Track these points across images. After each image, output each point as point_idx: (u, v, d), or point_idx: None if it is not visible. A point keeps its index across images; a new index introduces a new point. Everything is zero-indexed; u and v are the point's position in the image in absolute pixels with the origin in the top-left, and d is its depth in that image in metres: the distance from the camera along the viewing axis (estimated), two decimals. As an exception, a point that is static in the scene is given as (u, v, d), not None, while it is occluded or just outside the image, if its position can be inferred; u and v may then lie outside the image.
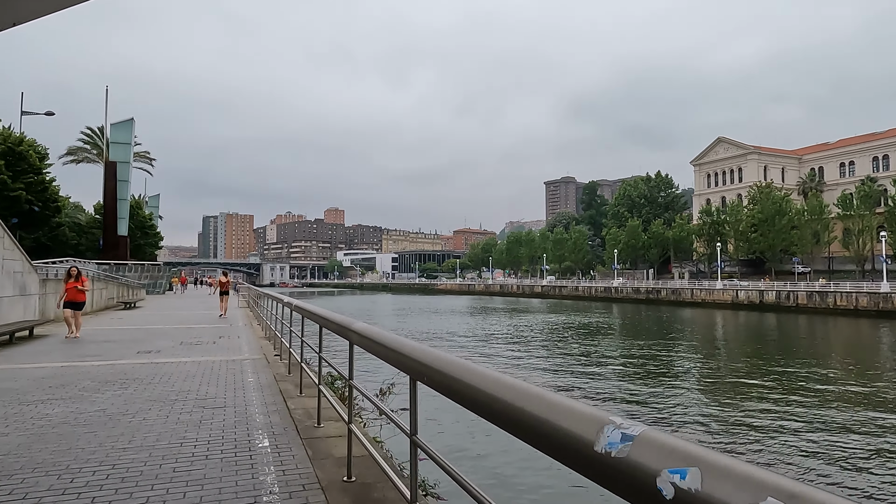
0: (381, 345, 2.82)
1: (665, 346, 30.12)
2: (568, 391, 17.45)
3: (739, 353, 27.78)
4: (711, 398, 16.92)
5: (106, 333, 14.85)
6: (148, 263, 51.89)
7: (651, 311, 62.72)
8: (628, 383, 19.10)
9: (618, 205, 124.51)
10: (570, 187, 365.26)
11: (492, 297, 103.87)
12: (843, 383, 18.99)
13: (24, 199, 29.70)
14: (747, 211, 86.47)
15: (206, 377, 8.35)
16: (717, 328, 44.89)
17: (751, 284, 71.73)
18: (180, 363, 9.68)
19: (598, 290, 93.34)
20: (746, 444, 11.98)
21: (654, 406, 15.60)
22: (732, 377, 20.72)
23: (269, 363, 9.87)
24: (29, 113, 32.55)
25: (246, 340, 13.57)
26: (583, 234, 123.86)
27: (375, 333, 3.11)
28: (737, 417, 14.40)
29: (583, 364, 23.38)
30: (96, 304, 24.63)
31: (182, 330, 16.14)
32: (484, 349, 27.72)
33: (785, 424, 13.49)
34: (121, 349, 11.57)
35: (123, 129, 49.68)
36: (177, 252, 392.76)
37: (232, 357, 10.56)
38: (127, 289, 31.52)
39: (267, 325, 14.80)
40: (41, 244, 52.78)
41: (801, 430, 13.09)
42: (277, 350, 11.31)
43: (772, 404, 15.82)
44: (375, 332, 3.14)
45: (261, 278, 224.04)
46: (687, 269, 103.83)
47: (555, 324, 44.40)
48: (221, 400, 6.83)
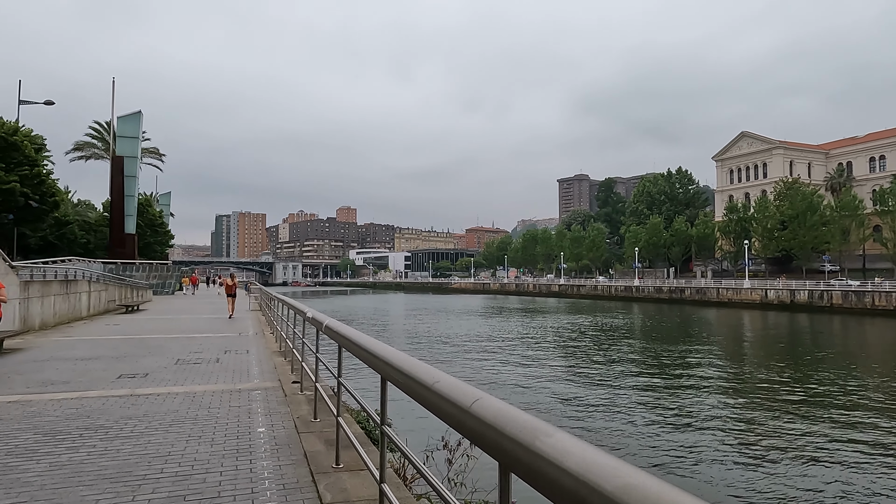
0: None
1: (696, 350, 27.64)
2: (595, 404, 14.98)
3: (778, 359, 25.32)
4: (747, 413, 14.58)
5: (90, 346, 12.52)
6: (156, 262, 49.87)
7: (675, 311, 60.19)
8: (663, 396, 16.64)
9: (636, 202, 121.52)
10: (584, 185, 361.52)
11: (507, 297, 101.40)
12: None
13: (18, 192, 27.56)
14: (775, 207, 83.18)
15: (200, 424, 5.94)
16: (749, 330, 42.42)
17: (781, 283, 68.69)
18: (168, 396, 7.28)
19: (618, 289, 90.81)
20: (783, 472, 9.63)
21: (689, 421, 13.09)
22: (771, 386, 18.68)
23: (286, 395, 7.45)
24: (27, 102, 30.44)
25: (256, 356, 11.18)
26: (601, 232, 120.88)
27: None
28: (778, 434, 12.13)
29: (613, 372, 20.94)
30: (94, 307, 22.42)
31: (182, 341, 13.80)
32: (504, 355, 25.26)
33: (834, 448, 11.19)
34: (98, 371, 9.21)
35: (131, 122, 47.62)
36: (190, 251, 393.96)
37: (238, 385, 8.16)
38: (130, 290, 29.35)
39: (281, 334, 12.44)
40: (48, 242, 51.05)
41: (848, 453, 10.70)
42: (295, 373, 8.91)
43: (816, 423, 13.56)
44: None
45: (273, 277, 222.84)
46: (710, 268, 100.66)
47: (577, 325, 41.95)
48: (214, 477, 4.39)
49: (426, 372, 2.08)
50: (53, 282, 17.55)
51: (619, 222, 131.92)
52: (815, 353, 27.06)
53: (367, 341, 3.47)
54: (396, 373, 2.37)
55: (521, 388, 18.17)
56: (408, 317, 54.14)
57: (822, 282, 66.43)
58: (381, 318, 53.02)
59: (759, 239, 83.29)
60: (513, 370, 21.56)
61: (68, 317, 18.87)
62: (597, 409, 15.22)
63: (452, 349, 27.71)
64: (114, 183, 46.02)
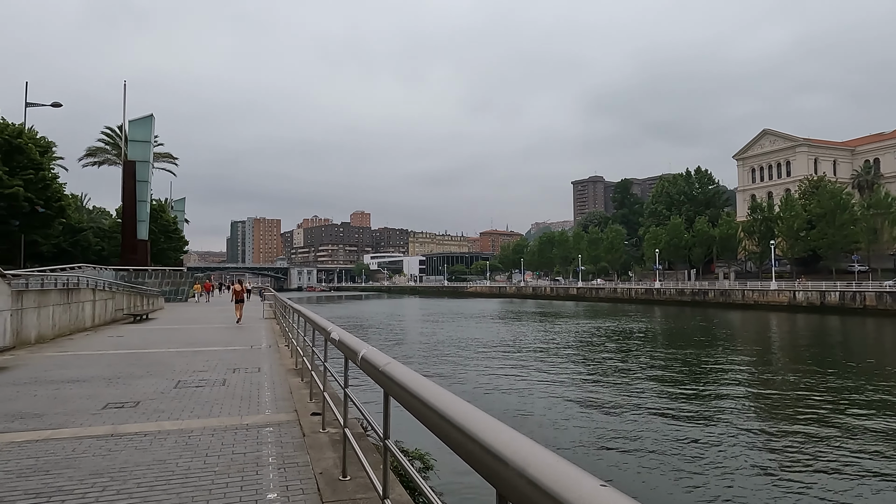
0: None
1: (726, 357, 25.90)
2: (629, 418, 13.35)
3: (814, 365, 23.47)
4: (784, 429, 12.84)
5: (83, 364, 11.12)
6: (169, 269, 48.79)
7: (698, 314, 58.18)
8: (694, 407, 14.93)
9: (655, 202, 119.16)
10: (599, 187, 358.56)
11: (524, 301, 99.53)
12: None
13: (22, 196, 26.43)
14: (801, 206, 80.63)
15: (190, 486, 4.43)
16: (780, 333, 40.55)
17: (810, 284, 66.29)
18: (157, 437, 5.81)
19: (639, 291, 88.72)
20: None
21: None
22: (811, 396, 16.97)
23: (304, 435, 5.94)
24: (34, 105, 29.44)
25: (269, 376, 9.71)
26: (619, 234, 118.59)
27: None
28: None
29: (637, 382, 19.28)
30: (99, 317, 21.15)
31: (188, 356, 12.37)
32: (525, 363, 23.62)
33: None
34: (82, 399, 7.77)
35: (142, 125, 46.68)
36: (206, 257, 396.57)
37: (245, 418, 6.66)
38: (140, 298, 28.11)
39: (297, 349, 11.00)
40: (62, 249, 50.30)
41: None
42: (315, 400, 7.42)
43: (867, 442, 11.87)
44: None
45: (288, 282, 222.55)
46: (733, 269, 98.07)
47: (599, 330, 40.24)
48: None
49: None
50: (52, 290, 16.26)
51: (636, 224, 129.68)
52: (854, 359, 25.16)
53: (435, 395, 2.02)
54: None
55: (539, 400, 16.64)
56: (425, 322, 52.63)
57: (853, 282, 64.04)
58: (398, 325, 51.60)
59: (786, 239, 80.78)
60: (533, 380, 19.96)
61: (70, 328, 17.59)
62: (622, 425, 13.68)
63: (471, 357, 26.16)
64: (125, 188, 45.07)
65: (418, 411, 2.11)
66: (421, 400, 2.08)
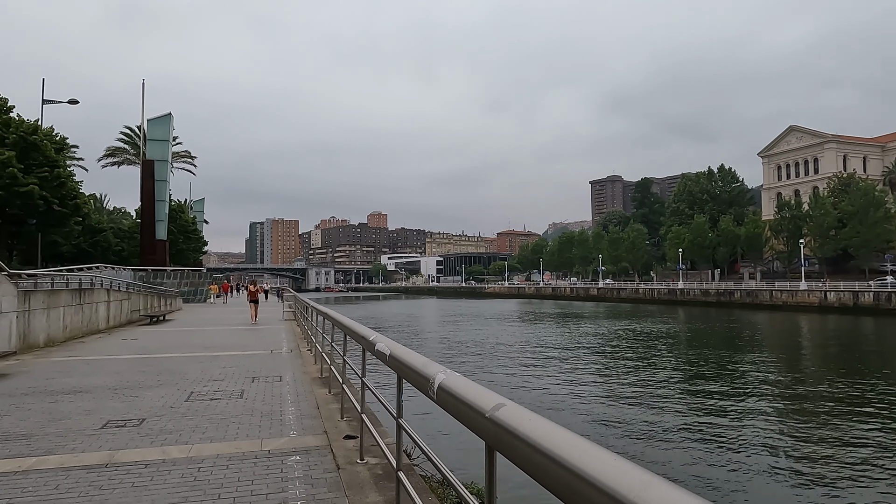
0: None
1: (760, 360, 24.35)
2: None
3: (853, 371, 21.81)
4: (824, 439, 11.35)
5: (89, 371, 10.18)
6: (188, 269, 48.28)
7: (724, 315, 56.37)
8: (731, 415, 13.58)
9: (677, 201, 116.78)
10: (617, 186, 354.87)
11: (542, 301, 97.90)
12: None
13: (37, 194, 25.79)
14: (831, 204, 78.20)
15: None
16: (813, 335, 38.78)
17: (843, 284, 64.04)
18: (160, 469, 4.76)
19: (662, 292, 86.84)
20: None
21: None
22: (854, 405, 15.26)
23: (338, 467, 4.84)
24: (50, 101, 28.85)
25: (292, 387, 8.66)
26: (641, 233, 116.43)
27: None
28: None
29: (666, 387, 17.90)
30: (114, 318, 20.35)
31: (203, 361, 11.39)
32: (552, 366, 22.38)
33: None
34: (80, 415, 6.77)
35: (161, 124, 46.21)
36: (225, 258, 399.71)
37: (267, 443, 5.59)
38: (158, 298, 27.37)
39: (321, 353, 9.97)
40: (82, 250, 50.08)
41: None
42: (347, 417, 6.34)
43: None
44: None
45: (306, 283, 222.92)
46: (759, 269, 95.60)
47: (624, 332, 38.82)
48: None
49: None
50: (63, 291, 15.41)
51: (656, 223, 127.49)
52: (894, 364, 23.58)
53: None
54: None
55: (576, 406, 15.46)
56: (444, 323, 51.52)
57: (888, 281, 61.79)
58: (418, 325, 50.58)
59: (815, 237, 78.36)
60: (564, 384, 18.76)
61: (83, 330, 16.76)
62: (652, 434, 12.47)
63: (499, 359, 25.00)
64: (144, 187, 44.62)
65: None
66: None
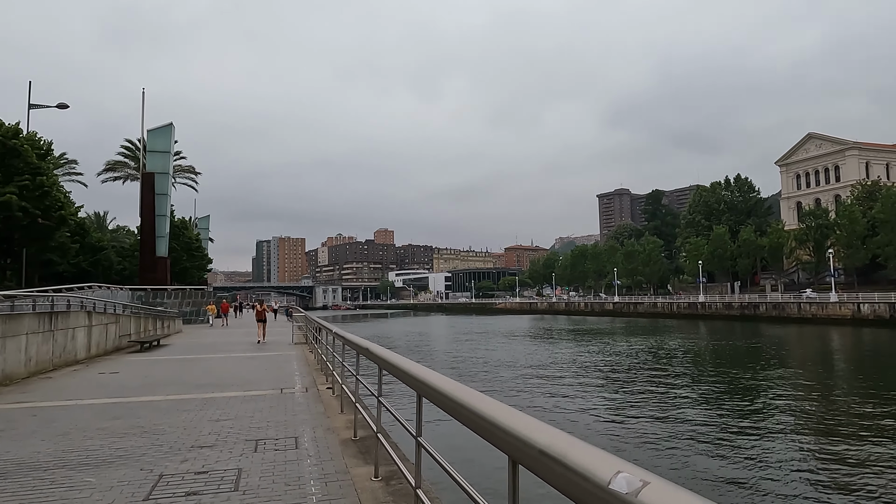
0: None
1: (805, 382, 21.16)
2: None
3: None
4: None
5: (25, 430, 7.30)
6: (190, 288, 45.57)
7: (750, 329, 53.42)
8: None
9: (692, 212, 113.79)
10: (625, 199, 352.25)
11: (556, 317, 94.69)
12: None
13: (16, 205, 23.15)
14: (861, 211, 75.08)
15: None
16: (849, 351, 35.94)
17: (878, 295, 60.80)
18: None
19: (682, 306, 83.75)
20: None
21: None
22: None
23: None
24: (37, 106, 26.38)
25: (316, 465, 5.75)
26: (656, 246, 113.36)
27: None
28: None
29: (698, 411, 14.84)
30: (97, 346, 17.55)
31: (191, 411, 8.56)
32: (573, 389, 19.40)
33: None
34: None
35: (161, 135, 43.85)
36: (232, 277, 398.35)
37: None
38: (152, 321, 24.62)
39: (348, 396, 7.16)
40: (82, 269, 47.54)
41: None
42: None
43: None
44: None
45: (314, 301, 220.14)
46: (781, 281, 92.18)
47: (646, 349, 35.85)
48: None
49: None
50: (26, 315, 12.65)
51: (669, 235, 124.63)
52: None
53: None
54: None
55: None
56: (457, 342, 48.51)
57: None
58: (431, 344, 47.62)
59: (843, 247, 75.22)
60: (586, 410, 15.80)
61: (54, 362, 14.00)
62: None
63: (518, 380, 22.06)
64: (144, 201, 42.13)
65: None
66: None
